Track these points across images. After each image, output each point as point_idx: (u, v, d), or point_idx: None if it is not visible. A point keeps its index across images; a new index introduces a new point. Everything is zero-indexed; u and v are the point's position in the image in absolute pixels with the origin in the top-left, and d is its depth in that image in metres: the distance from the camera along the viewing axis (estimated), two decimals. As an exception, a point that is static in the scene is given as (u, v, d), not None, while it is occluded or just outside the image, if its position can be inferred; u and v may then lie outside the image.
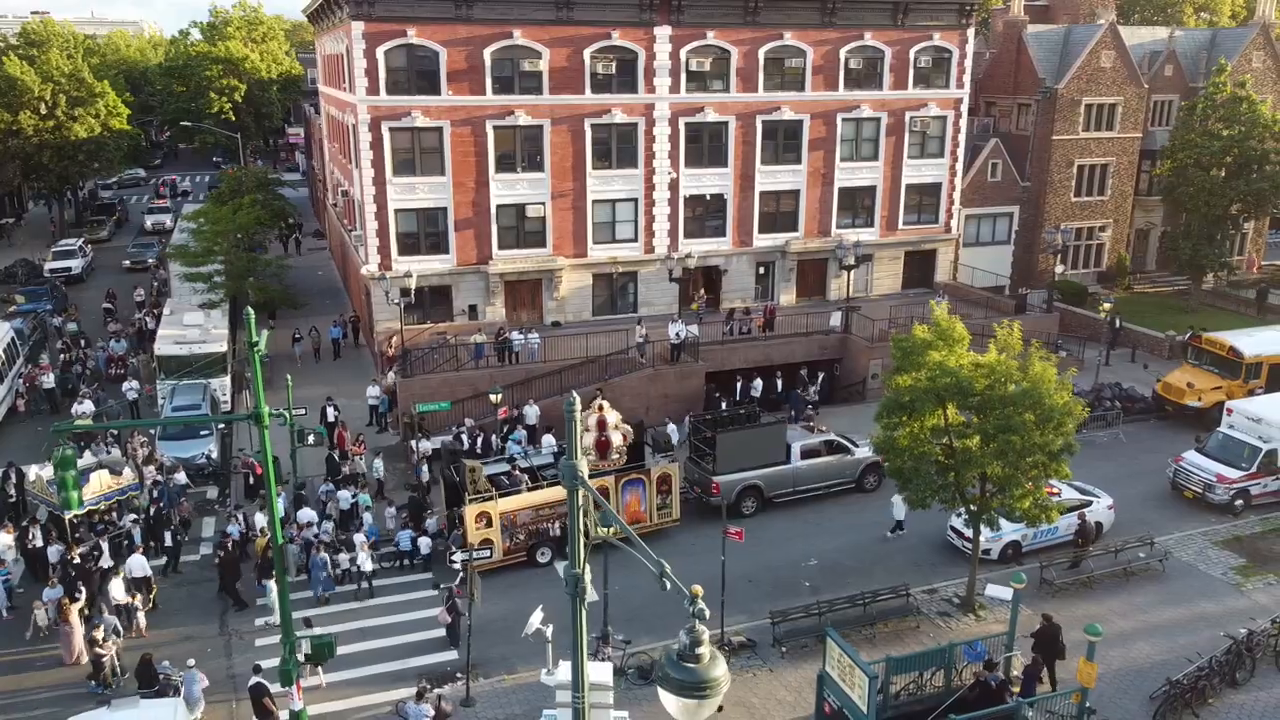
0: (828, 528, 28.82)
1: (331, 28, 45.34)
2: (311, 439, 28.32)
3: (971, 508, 23.55)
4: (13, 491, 28.69)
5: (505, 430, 32.53)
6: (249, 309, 17.00)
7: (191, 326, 38.54)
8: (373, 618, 24.50)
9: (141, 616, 23.74)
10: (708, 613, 8.05)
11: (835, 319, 40.34)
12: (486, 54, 38.89)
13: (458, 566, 20.86)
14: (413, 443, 31.61)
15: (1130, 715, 20.39)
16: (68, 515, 24.89)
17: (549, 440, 31.64)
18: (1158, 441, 34.74)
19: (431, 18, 37.92)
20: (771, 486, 29.79)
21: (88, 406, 34.35)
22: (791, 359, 39.13)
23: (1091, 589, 25.36)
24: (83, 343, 42.84)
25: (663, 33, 40.78)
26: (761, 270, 45.49)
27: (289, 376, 31.25)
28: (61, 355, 41.55)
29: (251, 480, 29.95)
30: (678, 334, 36.77)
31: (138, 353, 41.26)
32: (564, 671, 11.59)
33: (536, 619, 19.09)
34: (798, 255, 45.34)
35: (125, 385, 36.35)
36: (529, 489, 26.66)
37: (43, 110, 61.05)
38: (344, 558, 25.79)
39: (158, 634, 23.70)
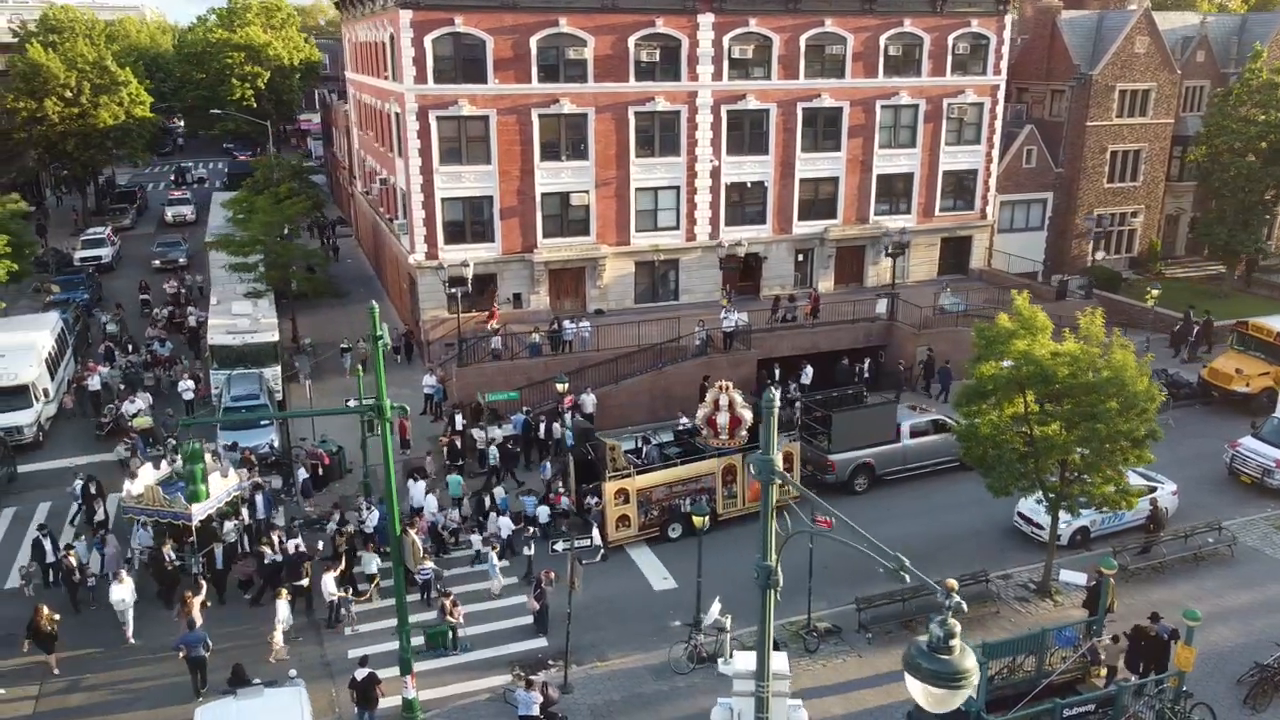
0: (896, 514, 29.07)
1: (369, 15, 45.18)
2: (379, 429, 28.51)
3: (1050, 495, 23.84)
4: (96, 506, 27.32)
5: (563, 418, 32.75)
6: (373, 304, 17.11)
7: (241, 316, 38.55)
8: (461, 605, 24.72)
9: (353, 609, 23.65)
10: (965, 607, 8.30)
11: (881, 306, 40.55)
12: (533, 42, 38.85)
13: (559, 551, 21.16)
14: (474, 431, 31.84)
15: (1218, 697, 20.73)
16: (195, 521, 24.25)
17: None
18: (1204, 427, 35.08)
19: (478, 6, 37.84)
20: (883, 464, 30.60)
21: (140, 404, 34.20)
22: (838, 346, 39.35)
23: (1162, 574, 25.70)
24: (130, 346, 41.75)
25: (706, 20, 40.76)
26: (800, 257, 45.66)
27: (361, 366, 31.20)
28: (113, 354, 40.60)
29: (320, 471, 30.06)
30: (728, 323, 36.98)
31: (191, 355, 40.92)
32: (740, 660, 11.96)
33: (715, 610, 19.70)
34: (836, 242, 45.49)
35: (181, 385, 35.85)
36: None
37: (68, 96, 60.75)
38: (475, 538, 26.55)
39: (249, 625, 23.88)
